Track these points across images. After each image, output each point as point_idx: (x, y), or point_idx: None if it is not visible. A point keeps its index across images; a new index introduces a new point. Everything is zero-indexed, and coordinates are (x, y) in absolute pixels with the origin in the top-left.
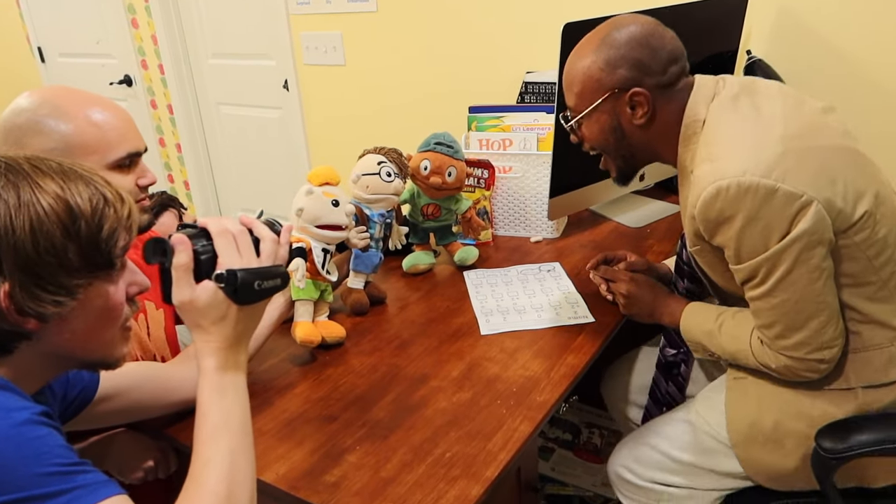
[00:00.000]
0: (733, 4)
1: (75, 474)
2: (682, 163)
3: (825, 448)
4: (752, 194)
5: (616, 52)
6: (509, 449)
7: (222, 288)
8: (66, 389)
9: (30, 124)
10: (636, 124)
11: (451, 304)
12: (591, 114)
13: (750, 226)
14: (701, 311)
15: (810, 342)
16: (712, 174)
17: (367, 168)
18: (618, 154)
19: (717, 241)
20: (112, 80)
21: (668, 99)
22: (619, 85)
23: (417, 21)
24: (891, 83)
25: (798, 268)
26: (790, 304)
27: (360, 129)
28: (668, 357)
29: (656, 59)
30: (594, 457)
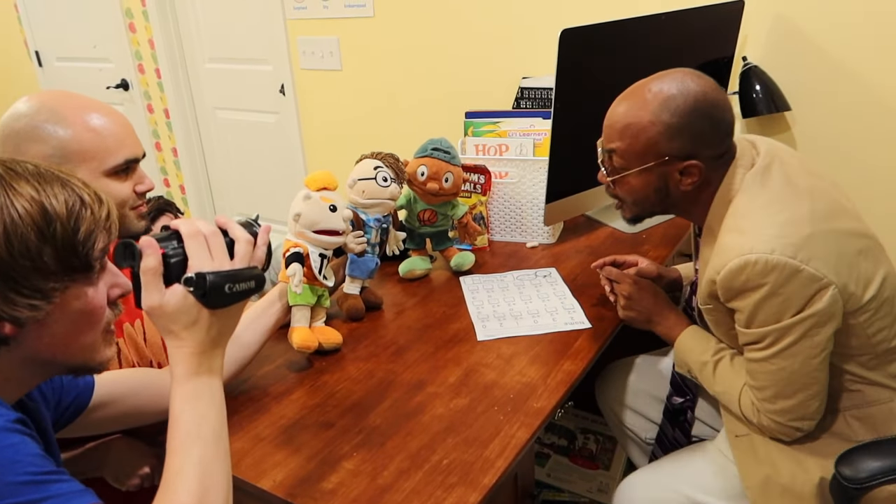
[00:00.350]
0: (730, 11)
1: (49, 483)
2: (710, 224)
3: (845, 476)
4: (777, 272)
5: (680, 120)
6: (507, 456)
7: (191, 291)
8: (60, 396)
9: (28, 130)
10: (682, 189)
11: (448, 310)
12: (641, 171)
13: (769, 299)
14: (701, 340)
15: (793, 411)
16: (740, 247)
17: (363, 173)
18: (649, 207)
19: (733, 305)
20: (109, 84)
21: (717, 168)
22: (675, 153)
23: (414, 26)
24: (885, 89)
25: (803, 342)
26: (786, 373)
27: (357, 134)
28: (675, 405)
29: (717, 132)
30: (590, 463)
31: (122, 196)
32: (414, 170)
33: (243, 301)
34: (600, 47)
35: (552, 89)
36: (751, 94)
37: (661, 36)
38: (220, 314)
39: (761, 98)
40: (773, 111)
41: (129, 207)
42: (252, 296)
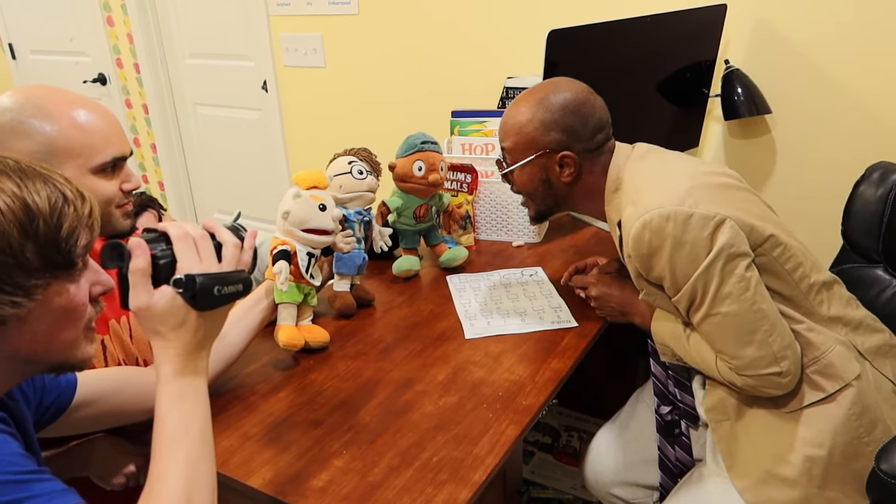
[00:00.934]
0: (712, 15)
1: (31, 483)
2: (609, 217)
3: (885, 471)
4: (672, 221)
5: (551, 115)
6: (496, 453)
7: (180, 293)
8: (41, 396)
9: (13, 125)
10: (563, 181)
11: (435, 308)
12: (524, 166)
13: (677, 251)
14: (671, 317)
15: (762, 356)
16: (635, 213)
17: (338, 169)
18: (542, 201)
19: (654, 274)
20: (86, 79)
21: (592, 162)
22: (550, 146)
23: (398, 24)
24: (862, 93)
25: (727, 279)
26: (730, 318)
27: (340, 131)
28: (664, 417)
29: (586, 127)
30: (573, 460)
31: (108, 194)
32: (409, 168)
33: (230, 303)
34: (586, 48)
35: None
36: (732, 96)
37: (645, 38)
38: (206, 316)
39: (743, 101)
40: (755, 114)
41: (114, 206)
42: (239, 298)
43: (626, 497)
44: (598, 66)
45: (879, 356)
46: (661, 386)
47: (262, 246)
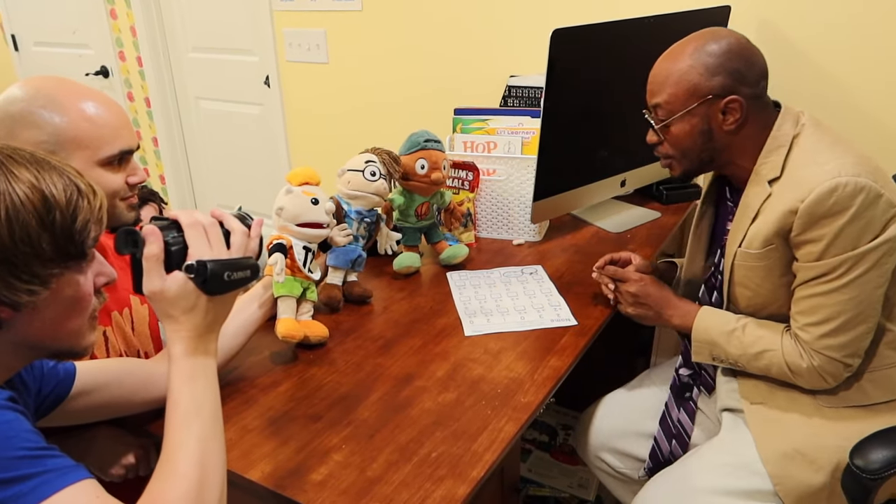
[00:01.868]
0: (716, 16)
1: (44, 458)
2: (759, 172)
3: (859, 467)
4: (864, 194)
5: (716, 60)
6: (494, 449)
7: (192, 278)
8: (40, 384)
9: (23, 115)
10: (725, 129)
11: (435, 305)
12: (684, 115)
13: (853, 223)
14: (719, 314)
15: (851, 346)
16: (826, 173)
17: (354, 164)
18: (697, 156)
19: (809, 235)
20: (88, 71)
21: (757, 110)
22: (716, 91)
23: (402, 21)
24: (865, 93)
25: (874, 270)
26: (855, 302)
27: (342, 127)
28: (682, 378)
29: (752, 71)
30: (570, 458)
31: (114, 186)
32: (411, 165)
33: (239, 289)
34: (590, 48)
35: (540, 88)
36: None
37: (649, 39)
38: (216, 300)
39: None
40: None
41: (119, 198)
42: (247, 284)
43: (612, 464)
44: (602, 66)
45: None
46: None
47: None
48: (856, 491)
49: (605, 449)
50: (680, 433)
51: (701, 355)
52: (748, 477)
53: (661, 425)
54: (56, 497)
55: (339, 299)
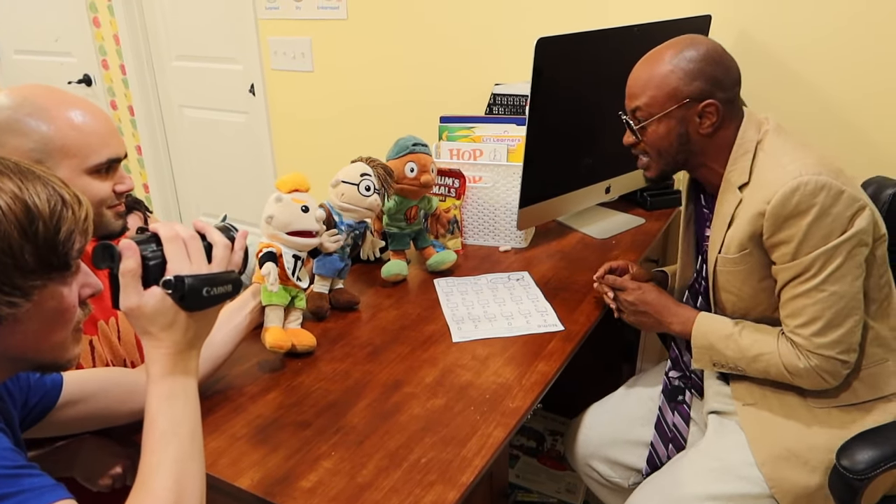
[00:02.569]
0: (697, 26)
1: (21, 477)
2: (728, 178)
3: (846, 467)
4: (826, 191)
5: (695, 65)
6: (484, 454)
7: (170, 294)
8: (27, 395)
9: (10, 123)
10: (702, 132)
11: (423, 312)
12: (662, 118)
13: (820, 220)
14: (718, 318)
15: (844, 341)
16: (788, 174)
17: (349, 176)
18: (672, 157)
19: (779, 236)
20: (70, 80)
21: (731, 115)
22: (694, 95)
23: (387, 30)
24: (840, 103)
25: (848, 262)
26: (836, 297)
27: (328, 136)
28: (672, 381)
29: (728, 77)
30: (558, 464)
31: (101, 195)
32: (401, 169)
33: (220, 304)
34: (574, 56)
35: (525, 96)
36: None
37: (632, 47)
38: (196, 316)
39: None
40: None
41: (107, 206)
42: (229, 299)
43: (602, 472)
44: (585, 75)
45: None
46: (678, 353)
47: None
48: (843, 491)
49: (596, 458)
50: (676, 437)
51: (701, 362)
52: (735, 482)
53: (656, 430)
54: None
55: (327, 308)
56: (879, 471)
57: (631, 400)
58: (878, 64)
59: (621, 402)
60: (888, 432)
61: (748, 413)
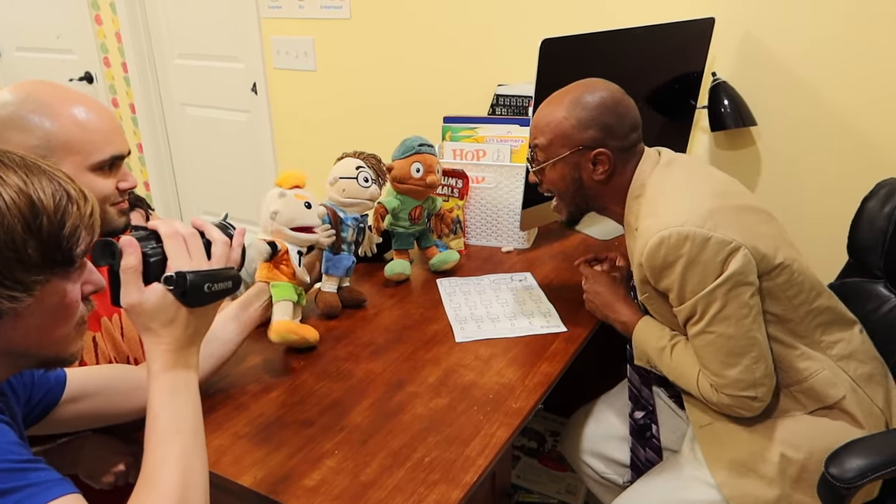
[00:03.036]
0: (701, 28)
1: (28, 471)
2: (627, 220)
3: (834, 475)
4: (690, 241)
5: (588, 113)
6: (487, 454)
7: (171, 290)
8: (30, 392)
9: (13, 119)
10: (595, 179)
11: (426, 312)
12: (557, 163)
13: (690, 269)
14: (655, 327)
15: (743, 379)
16: (655, 226)
17: (344, 171)
18: (571, 200)
19: (662, 285)
20: (72, 77)
21: (624, 161)
22: (586, 143)
23: (391, 30)
24: (843, 107)
25: (730, 304)
26: (724, 339)
27: (330, 135)
28: (638, 421)
29: (621, 126)
30: (558, 465)
31: (105, 192)
32: (406, 169)
33: (220, 300)
34: (578, 58)
35: (527, 97)
36: (719, 108)
37: (635, 49)
38: (197, 313)
39: (729, 112)
40: (741, 125)
41: (110, 203)
42: (229, 295)
43: (596, 468)
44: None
45: (872, 384)
46: (636, 391)
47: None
48: (830, 500)
49: (589, 453)
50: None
51: (640, 360)
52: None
53: (632, 469)
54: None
55: (338, 306)
56: (867, 480)
57: (625, 397)
58: (883, 67)
59: (615, 399)
60: (875, 442)
61: (705, 434)
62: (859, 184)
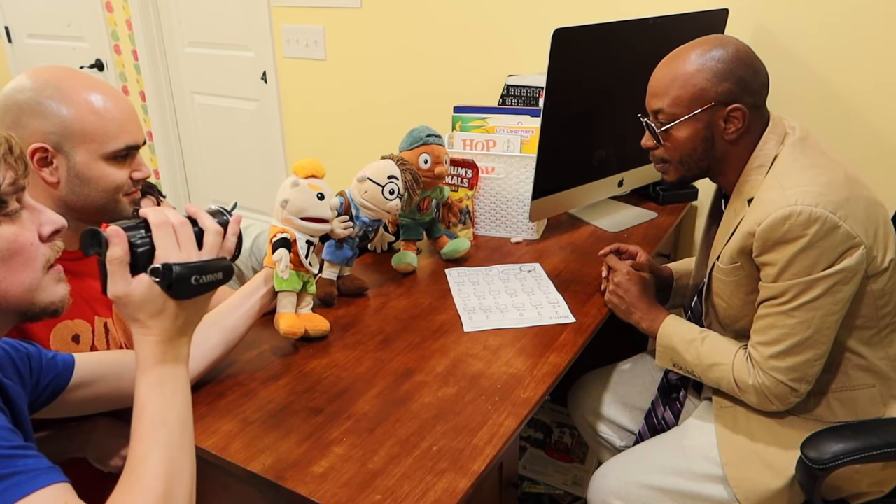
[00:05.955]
0: (714, 19)
1: (16, 458)
2: (740, 187)
3: (811, 458)
4: (819, 224)
5: (724, 66)
6: (495, 444)
7: (157, 282)
8: (38, 376)
9: (31, 104)
10: (726, 138)
11: (434, 301)
12: (687, 121)
13: (806, 251)
14: (684, 323)
15: (799, 370)
16: (783, 200)
17: (376, 175)
18: (696, 163)
19: (766, 258)
20: (83, 64)
21: (757, 120)
22: (721, 98)
23: (401, 19)
24: (856, 98)
25: (826, 297)
26: (804, 326)
27: (339, 124)
28: (671, 380)
29: (756, 81)
30: (565, 456)
31: (118, 181)
32: (415, 160)
33: (211, 292)
34: (591, 48)
35: (538, 88)
36: None
37: (648, 40)
38: (186, 304)
39: None
40: None
41: (123, 193)
42: (219, 286)
43: (597, 428)
44: (601, 67)
45: None
46: None
47: (262, 235)
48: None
49: (593, 413)
50: (664, 429)
51: (663, 360)
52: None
53: (645, 421)
54: (23, 502)
55: (335, 295)
56: (840, 463)
57: (636, 368)
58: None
59: (627, 368)
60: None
61: (725, 414)
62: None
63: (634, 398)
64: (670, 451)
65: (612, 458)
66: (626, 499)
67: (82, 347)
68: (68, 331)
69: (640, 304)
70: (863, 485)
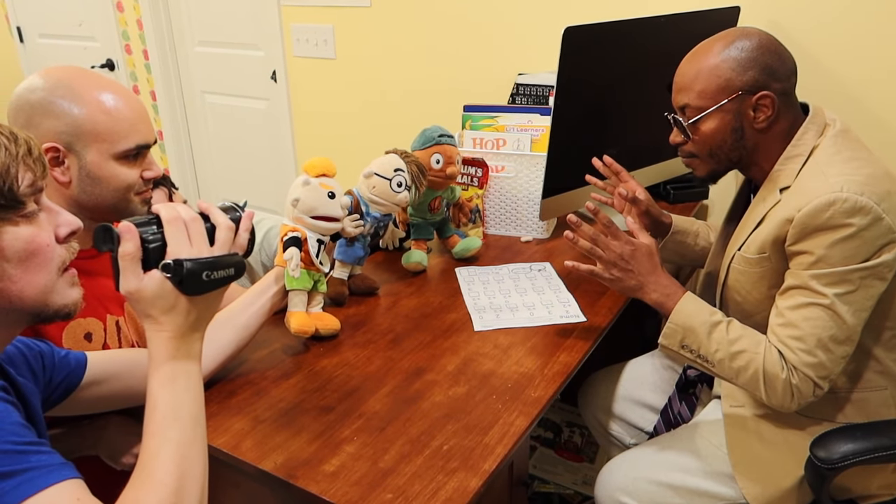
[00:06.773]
0: (725, 16)
1: (30, 454)
2: (773, 177)
3: (820, 458)
4: (863, 214)
5: (748, 54)
6: (506, 443)
7: (169, 278)
8: (51, 374)
9: (43, 104)
10: (756, 127)
11: (444, 300)
12: (715, 112)
13: (847, 241)
14: (704, 304)
15: (827, 367)
16: (826, 187)
17: (382, 170)
18: (727, 156)
19: (802, 245)
20: (94, 64)
21: (787, 107)
22: (748, 86)
23: (411, 18)
24: (866, 94)
25: (860, 291)
26: (835, 320)
27: (349, 123)
28: (689, 376)
29: (783, 67)
30: (575, 455)
31: (128, 181)
32: (427, 160)
33: (223, 288)
34: (601, 46)
35: (548, 87)
36: None
37: (660, 38)
38: (198, 300)
39: None
40: None
41: (134, 192)
42: (231, 282)
43: (607, 425)
44: (612, 65)
45: None
46: None
47: (272, 231)
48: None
49: (603, 410)
50: (679, 424)
51: (670, 339)
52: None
53: (661, 416)
54: (37, 497)
55: (346, 294)
56: (849, 463)
57: (648, 366)
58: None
59: (639, 365)
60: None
61: (735, 413)
62: None
63: (645, 396)
64: (679, 448)
65: (620, 455)
66: (634, 495)
67: (94, 346)
68: (81, 329)
69: (652, 276)
70: (873, 486)
